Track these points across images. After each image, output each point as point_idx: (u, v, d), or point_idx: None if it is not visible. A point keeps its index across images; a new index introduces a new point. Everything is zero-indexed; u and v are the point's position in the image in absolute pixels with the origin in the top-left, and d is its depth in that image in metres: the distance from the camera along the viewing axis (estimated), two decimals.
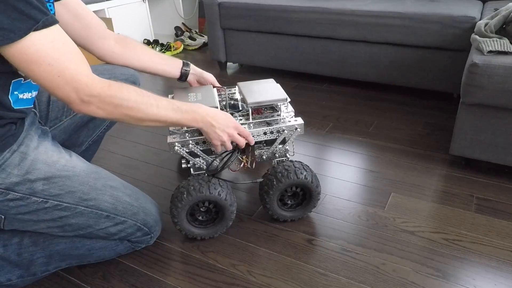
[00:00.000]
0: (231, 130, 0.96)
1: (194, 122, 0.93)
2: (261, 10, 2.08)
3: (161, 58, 1.20)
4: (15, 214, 0.84)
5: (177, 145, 1.02)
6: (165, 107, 0.88)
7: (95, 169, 0.94)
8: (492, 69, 1.12)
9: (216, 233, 1.08)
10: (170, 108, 0.89)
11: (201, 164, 1.09)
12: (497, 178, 1.30)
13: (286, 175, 1.04)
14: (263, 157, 1.14)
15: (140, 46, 1.19)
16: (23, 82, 0.83)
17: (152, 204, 1.03)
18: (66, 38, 0.76)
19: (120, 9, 2.59)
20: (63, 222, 0.88)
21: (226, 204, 1.02)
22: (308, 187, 1.07)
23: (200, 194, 0.98)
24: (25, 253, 0.92)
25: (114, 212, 0.92)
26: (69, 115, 1.10)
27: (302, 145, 1.55)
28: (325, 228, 1.12)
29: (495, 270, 0.96)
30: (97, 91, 0.78)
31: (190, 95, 1.10)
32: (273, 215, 1.11)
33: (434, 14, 1.66)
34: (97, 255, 0.98)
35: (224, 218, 1.05)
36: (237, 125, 0.98)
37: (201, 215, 1.06)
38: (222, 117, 0.96)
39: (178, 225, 1.03)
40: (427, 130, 1.61)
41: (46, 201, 0.84)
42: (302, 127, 1.09)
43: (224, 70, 2.45)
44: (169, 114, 0.88)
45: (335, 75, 2.06)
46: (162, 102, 0.88)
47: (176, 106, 0.90)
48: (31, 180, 0.82)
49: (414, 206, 1.18)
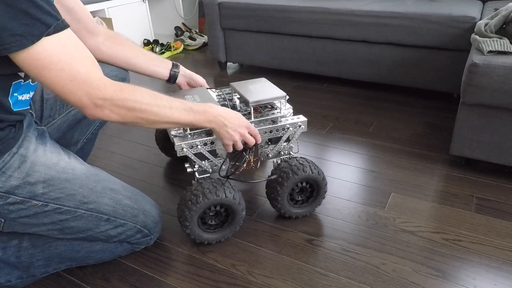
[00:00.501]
0: (243, 129, 0.96)
1: (207, 123, 0.91)
2: (261, 10, 2.08)
3: (150, 59, 1.17)
4: (15, 218, 0.83)
5: (185, 147, 1.01)
6: (178, 109, 0.86)
7: (94, 171, 0.94)
8: (492, 69, 1.12)
9: (223, 238, 1.07)
10: (183, 109, 0.87)
11: (207, 168, 1.07)
12: (497, 178, 1.30)
13: (300, 169, 1.05)
14: (269, 156, 1.14)
15: (130, 44, 1.17)
16: (23, 84, 0.82)
17: (151, 206, 1.02)
18: (77, 42, 0.75)
19: (120, 9, 2.59)
20: (63, 225, 0.88)
21: (239, 208, 1.02)
22: (317, 181, 1.09)
23: (216, 197, 0.97)
24: (24, 255, 0.91)
25: (114, 215, 0.92)
26: (62, 113, 1.09)
27: (302, 145, 1.55)
28: (325, 228, 1.12)
29: (495, 270, 0.96)
30: (110, 95, 0.76)
31: (187, 97, 1.09)
32: (285, 213, 1.12)
33: (434, 14, 1.66)
34: (97, 258, 0.98)
35: (234, 223, 1.05)
36: (248, 124, 0.98)
37: (210, 219, 1.04)
38: (234, 117, 0.95)
39: (188, 228, 1.00)
40: (427, 130, 1.61)
41: (47, 205, 0.84)
42: (306, 124, 1.11)
43: (224, 70, 2.45)
44: (182, 116, 0.87)
45: (335, 75, 2.06)
46: (175, 103, 0.86)
47: (189, 106, 0.89)
48: (31, 183, 0.81)
49: (414, 206, 1.18)
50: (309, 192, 1.13)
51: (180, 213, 1.00)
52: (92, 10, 2.42)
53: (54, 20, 0.69)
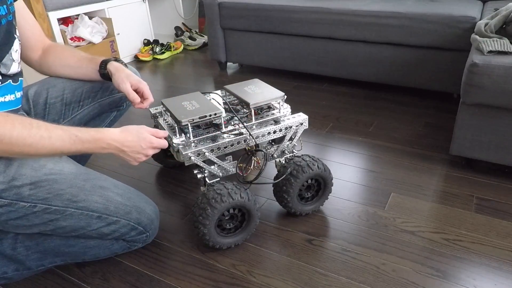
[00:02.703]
0: (145, 151, 0.91)
1: (100, 149, 0.86)
2: (261, 10, 2.08)
3: (79, 60, 1.09)
4: (6, 220, 0.83)
5: (192, 155, 0.99)
6: (59, 138, 0.79)
7: (84, 170, 0.93)
8: (492, 69, 1.12)
9: (237, 243, 1.06)
10: (67, 139, 0.80)
11: (217, 172, 1.06)
12: (497, 178, 1.30)
13: (309, 166, 1.06)
14: (274, 156, 1.14)
15: (67, 51, 1.10)
16: (1, 85, 0.81)
17: (146, 203, 1.01)
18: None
19: (120, 9, 2.59)
20: (54, 225, 0.88)
21: (257, 214, 1.03)
22: (324, 177, 1.10)
23: (241, 198, 0.97)
24: (20, 247, 0.92)
25: (106, 212, 0.91)
26: (67, 118, 1.10)
27: (302, 145, 1.55)
28: (325, 228, 1.12)
29: (495, 270, 0.96)
30: None
31: (184, 103, 1.06)
32: (295, 212, 1.12)
33: (434, 14, 1.66)
34: (92, 253, 0.98)
35: (249, 227, 1.05)
36: (150, 139, 0.91)
37: (226, 223, 1.03)
38: (132, 140, 0.88)
39: (207, 228, 0.97)
40: (427, 130, 1.61)
41: (35, 206, 0.83)
42: (307, 121, 1.12)
43: (224, 70, 2.45)
44: (66, 145, 0.80)
45: (335, 75, 2.06)
46: (56, 132, 0.79)
47: (75, 135, 0.81)
48: (17, 186, 0.81)
49: (414, 206, 1.18)
50: (315, 191, 1.14)
51: (200, 211, 0.97)
52: (92, 10, 2.43)
53: None
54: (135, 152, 0.90)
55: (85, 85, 1.12)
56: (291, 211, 1.13)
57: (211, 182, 1.05)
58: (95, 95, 1.14)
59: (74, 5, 2.31)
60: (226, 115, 1.11)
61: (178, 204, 1.24)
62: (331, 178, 1.12)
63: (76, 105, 1.11)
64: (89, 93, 1.13)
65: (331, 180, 1.13)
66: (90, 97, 1.13)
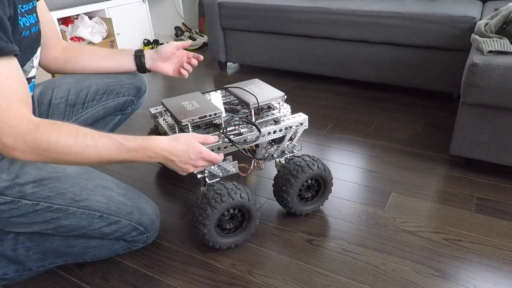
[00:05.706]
0: (195, 161, 0.87)
1: (148, 159, 0.83)
2: (261, 10, 2.08)
3: (110, 54, 1.12)
4: (8, 217, 0.84)
5: None
6: (106, 147, 0.77)
7: (86, 170, 0.93)
8: (492, 69, 1.12)
9: (237, 243, 1.05)
10: (113, 148, 0.78)
11: (217, 172, 1.06)
12: (497, 178, 1.30)
13: (309, 166, 1.05)
14: (274, 156, 1.14)
15: (88, 48, 1.13)
16: None
17: (147, 203, 1.01)
18: (12, 73, 0.70)
19: (120, 9, 2.60)
20: (56, 224, 0.88)
21: (257, 214, 1.03)
22: (324, 177, 1.10)
23: (240, 199, 0.97)
24: (21, 248, 0.92)
25: (107, 212, 0.91)
26: (70, 119, 1.10)
27: (302, 145, 1.55)
28: (325, 228, 1.12)
29: (495, 270, 0.96)
30: (22, 134, 0.69)
31: (184, 103, 1.06)
32: (295, 212, 1.12)
33: (434, 14, 1.66)
34: (93, 254, 0.98)
35: (248, 228, 1.04)
36: (201, 149, 0.87)
37: (225, 223, 1.03)
38: (181, 149, 0.85)
39: (206, 228, 0.97)
40: (427, 130, 1.61)
41: (37, 204, 0.84)
42: (307, 121, 1.12)
43: (224, 70, 2.45)
44: (112, 154, 0.78)
45: (335, 75, 2.06)
46: (102, 141, 0.76)
47: (120, 144, 0.78)
48: (21, 184, 0.81)
49: (414, 206, 1.18)
50: (315, 191, 1.14)
51: (200, 211, 0.97)
52: (92, 10, 2.43)
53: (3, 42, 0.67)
54: (183, 163, 0.86)
55: (90, 87, 1.12)
56: (291, 211, 1.13)
57: (211, 182, 1.05)
58: (100, 98, 1.14)
59: (74, 5, 2.31)
60: (229, 115, 1.11)
61: (178, 204, 1.24)
62: (331, 178, 1.12)
63: (80, 106, 1.12)
64: (94, 95, 1.13)
65: (331, 180, 1.13)
66: (94, 99, 1.13)
